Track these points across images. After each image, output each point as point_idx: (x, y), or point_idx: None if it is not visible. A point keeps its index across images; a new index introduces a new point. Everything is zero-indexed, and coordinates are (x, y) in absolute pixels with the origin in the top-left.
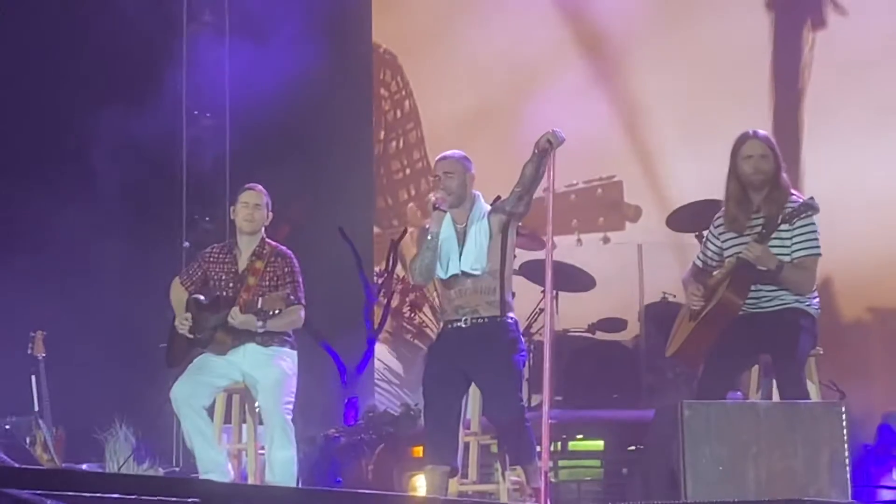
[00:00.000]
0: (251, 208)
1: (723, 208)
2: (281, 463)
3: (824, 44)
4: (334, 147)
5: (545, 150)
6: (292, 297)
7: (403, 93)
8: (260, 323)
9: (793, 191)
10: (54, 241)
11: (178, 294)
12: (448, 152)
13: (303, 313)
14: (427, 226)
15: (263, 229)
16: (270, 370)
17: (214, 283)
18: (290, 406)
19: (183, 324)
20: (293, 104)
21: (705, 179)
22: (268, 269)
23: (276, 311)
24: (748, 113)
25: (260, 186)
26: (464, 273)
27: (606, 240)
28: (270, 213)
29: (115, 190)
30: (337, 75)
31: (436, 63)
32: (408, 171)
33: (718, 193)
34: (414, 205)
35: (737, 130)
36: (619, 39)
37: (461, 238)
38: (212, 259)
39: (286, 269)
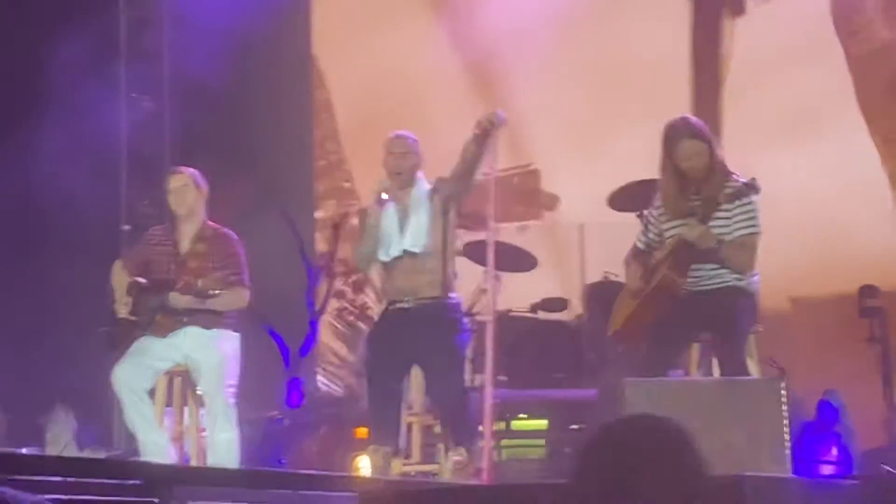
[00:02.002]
0: (179, 191)
1: (660, 194)
2: (224, 444)
3: (746, 33)
4: (274, 129)
5: (486, 131)
6: (233, 278)
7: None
8: (199, 303)
9: (731, 170)
10: None
11: (120, 277)
12: (401, 132)
13: (247, 294)
14: (367, 210)
15: (203, 211)
16: (212, 353)
17: (156, 265)
18: (233, 389)
19: (122, 308)
20: (233, 87)
21: (634, 162)
22: (210, 250)
23: (216, 291)
24: (667, 103)
25: (184, 168)
26: (406, 253)
27: (523, 228)
28: (203, 191)
29: (53, 172)
30: (276, 55)
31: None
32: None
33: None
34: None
35: (657, 120)
36: (534, 21)
37: (403, 218)
38: (153, 241)
39: (230, 251)
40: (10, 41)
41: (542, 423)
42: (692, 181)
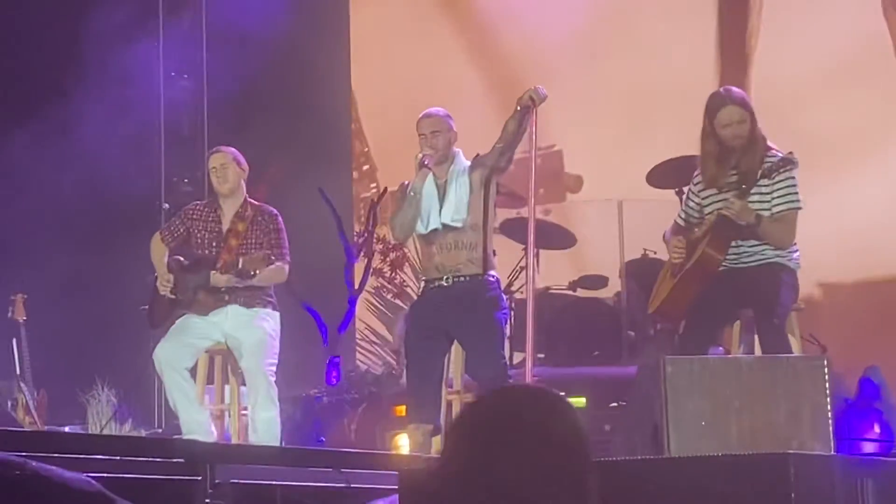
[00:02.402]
0: (220, 170)
1: (700, 166)
2: (265, 423)
3: (772, 9)
4: (313, 108)
5: (527, 107)
6: (273, 257)
7: None
8: (241, 283)
9: (770, 144)
10: (32, 202)
11: (159, 249)
12: (432, 109)
13: (286, 269)
14: (407, 183)
15: (244, 188)
16: (254, 331)
17: (197, 240)
18: (274, 367)
19: (164, 285)
20: (271, 65)
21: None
22: (252, 227)
23: (256, 272)
24: (693, 78)
25: (224, 147)
26: (444, 226)
27: (547, 212)
28: (244, 168)
29: (94, 152)
30: (315, 35)
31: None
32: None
33: (693, 150)
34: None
35: (682, 98)
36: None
37: (442, 192)
38: (195, 216)
39: (271, 227)
40: (49, 21)
41: (580, 401)
42: (732, 152)
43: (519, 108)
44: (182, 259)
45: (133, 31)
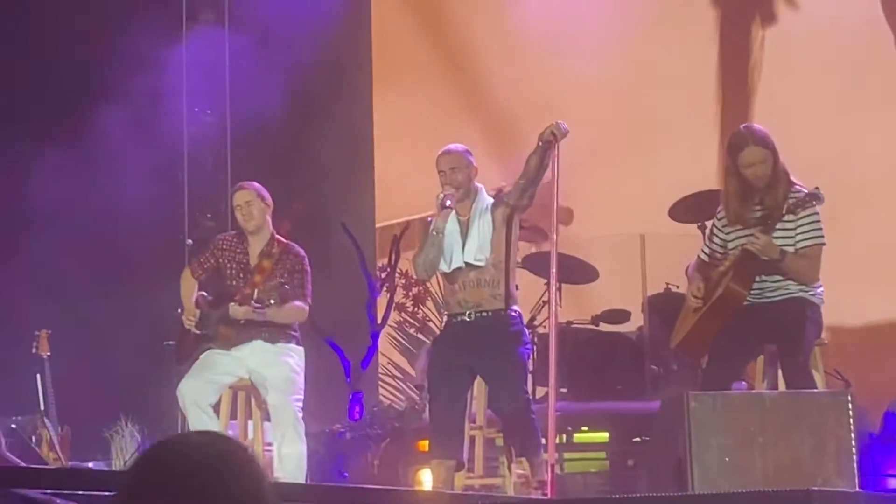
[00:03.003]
0: (244, 207)
1: (723, 203)
2: (292, 459)
3: (775, 42)
4: (335, 142)
5: (549, 143)
6: (296, 291)
7: None
8: (258, 314)
9: (794, 179)
10: (57, 237)
11: (188, 285)
12: (450, 146)
13: (307, 309)
14: (430, 220)
15: (270, 223)
16: (279, 368)
17: (226, 272)
18: (300, 402)
19: (190, 319)
20: (294, 100)
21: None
22: (277, 265)
23: (272, 301)
24: (695, 115)
25: (249, 183)
26: (467, 265)
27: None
28: (269, 203)
29: (117, 186)
30: (337, 70)
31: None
32: None
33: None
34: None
35: (684, 134)
36: (567, 42)
37: (465, 230)
38: (224, 247)
39: (297, 267)
40: (73, 54)
41: (603, 436)
42: (755, 190)
43: (540, 143)
44: (207, 295)
45: (156, 65)
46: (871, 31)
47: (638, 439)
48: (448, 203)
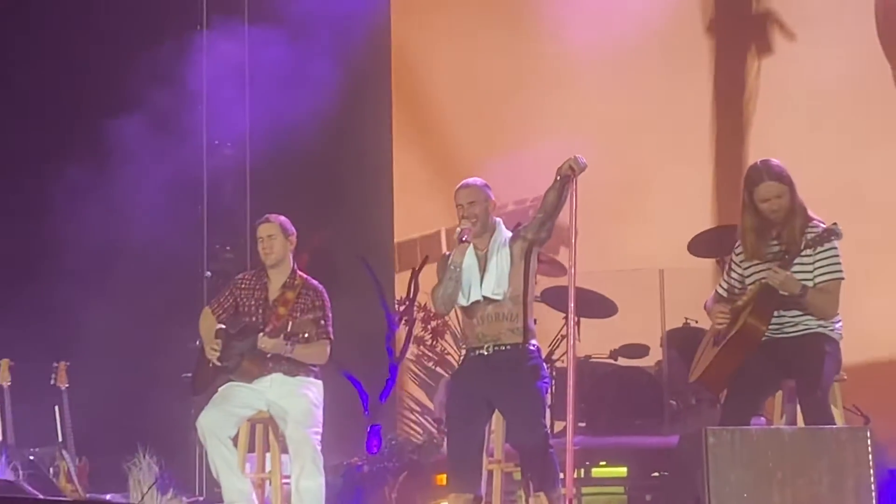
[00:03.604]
0: (266, 241)
1: (740, 238)
2: (310, 492)
3: (771, 71)
4: (354, 175)
5: (567, 177)
6: (322, 323)
7: None
8: (289, 347)
9: (812, 214)
10: (75, 269)
11: (208, 323)
12: (469, 180)
13: (329, 348)
14: (448, 254)
15: (291, 258)
16: (298, 400)
17: (244, 310)
18: (319, 435)
19: (213, 350)
20: (312, 133)
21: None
22: (298, 300)
23: (306, 335)
24: (688, 147)
25: (275, 216)
26: (485, 299)
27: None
28: (292, 239)
29: (137, 219)
30: (356, 104)
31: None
32: None
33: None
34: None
35: (677, 167)
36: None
37: (483, 264)
38: (243, 286)
39: (317, 303)
40: (95, 85)
41: (621, 471)
42: (772, 224)
43: (559, 177)
44: (227, 328)
45: (177, 99)
46: (868, 59)
47: (656, 474)
48: (465, 237)
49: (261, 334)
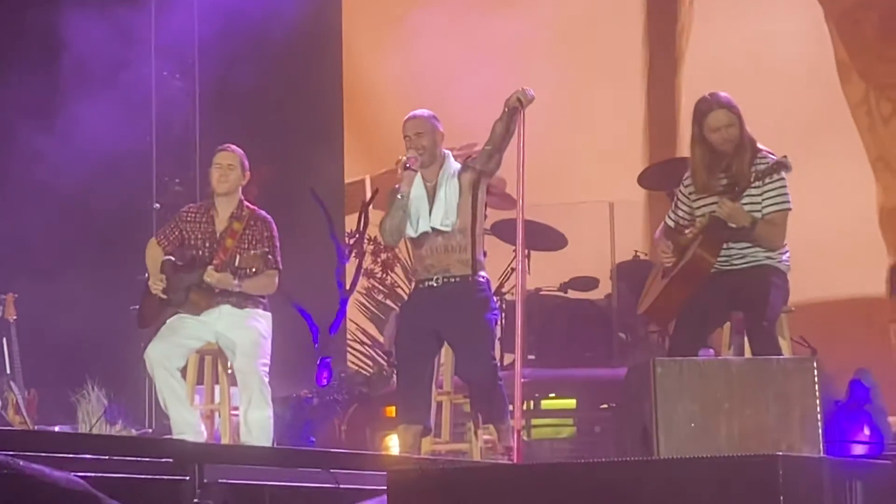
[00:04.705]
0: (224, 169)
1: (690, 172)
2: (258, 423)
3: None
4: (304, 109)
5: (515, 109)
6: (270, 258)
7: None
8: (236, 282)
9: (761, 146)
10: (23, 202)
11: (154, 254)
12: (416, 112)
13: (277, 279)
14: (397, 186)
15: (240, 191)
16: (246, 332)
17: (191, 243)
18: (267, 367)
19: (157, 284)
20: (262, 66)
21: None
22: (246, 231)
23: (253, 270)
24: (619, 82)
25: (234, 147)
26: (434, 230)
27: None
28: (247, 174)
29: (85, 151)
30: (306, 37)
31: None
32: None
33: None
34: None
35: (610, 102)
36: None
37: (431, 195)
38: (188, 219)
39: (265, 234)
40: (44, 20)
41: (571, 403)
42: (722, 156)
43: (506, 109)
44: (175, 259)
45: (124, 30)
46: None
47: (605, 406)
48: (409, 164)
49: (209, 267)
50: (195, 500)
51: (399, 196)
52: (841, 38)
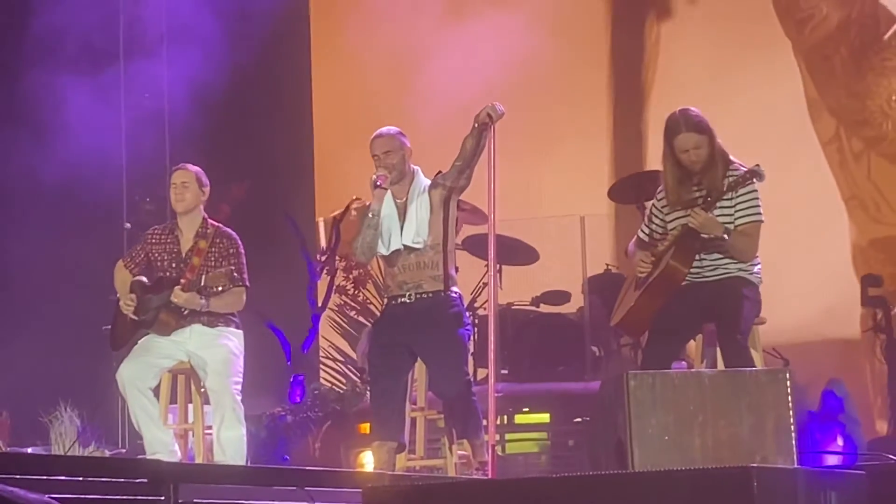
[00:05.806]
0: (179, 188)
1: (662, 186)
2: (231, 442)
3: (672, 39)
4: (275, 127)
5: (485, 124)
6: (236, 275)
7: None
8: (203, 301)
9: (733, 158)
10: None
11: (122, 276)
12: (382, 129)
13: (244, 296)
14: (368, 204)
15: (202, 209)
16: (218, 350)
17: (157, 264)
18: (239, 385)
19: (128, 305)
20: (234, 85)
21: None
22: (212, 248)
23: (220, 288)
24: (587, 97)
25: (191, 165)
26: (406, 247)
27: None
28: (206, 191)
29: (54, 172)
30: (276, 56)
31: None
32: None
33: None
34: None
35: (578, 117)
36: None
37: (402, 213)
38: (153, 241)
39: (231, 251)
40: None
41: (544, 417)
42: (693, 173)
43: (476, 125)
44: (144, 280)
45: (96, 49)
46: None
47: (579, 420)
48: (379, 183)
49: (175, 288)
50: None
51: (370, 214)
52: (811, 74)
